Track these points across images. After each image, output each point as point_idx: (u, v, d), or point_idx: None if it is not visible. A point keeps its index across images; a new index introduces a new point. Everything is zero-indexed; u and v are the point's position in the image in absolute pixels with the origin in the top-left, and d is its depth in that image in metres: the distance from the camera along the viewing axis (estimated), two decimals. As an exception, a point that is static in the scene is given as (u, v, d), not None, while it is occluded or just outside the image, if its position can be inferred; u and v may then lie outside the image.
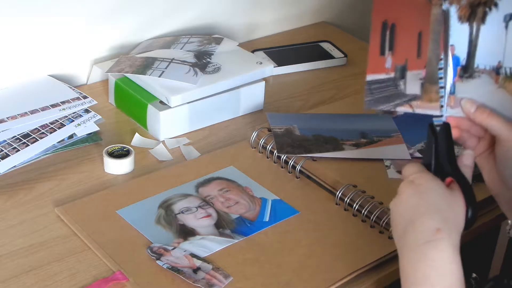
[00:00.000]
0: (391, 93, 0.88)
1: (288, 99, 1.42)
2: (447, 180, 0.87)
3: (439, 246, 0.82)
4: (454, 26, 0.87)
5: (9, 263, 1.00)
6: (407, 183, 0.88)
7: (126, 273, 0.98)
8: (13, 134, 1.18)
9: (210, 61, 1.33)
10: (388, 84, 0.88)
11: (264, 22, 1.63)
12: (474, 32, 0.88)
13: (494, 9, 0.87)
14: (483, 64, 0.89)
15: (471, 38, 0.88)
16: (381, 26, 0.89)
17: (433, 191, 0.86)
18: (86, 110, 1.25)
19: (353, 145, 1.23)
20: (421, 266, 0.82)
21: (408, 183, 0.87)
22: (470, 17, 0.87)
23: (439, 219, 0.83)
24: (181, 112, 1.27)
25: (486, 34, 0.88)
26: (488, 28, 0.88)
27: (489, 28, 0.88)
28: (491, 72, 0.89)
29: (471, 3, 0.87)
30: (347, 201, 1.11)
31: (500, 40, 0.89)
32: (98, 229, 1.05)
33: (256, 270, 1.00)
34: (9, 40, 1.30)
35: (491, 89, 0.89)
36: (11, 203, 1.11)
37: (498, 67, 0.90)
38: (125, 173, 1.19)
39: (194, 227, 1.07)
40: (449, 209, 0.85)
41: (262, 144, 1.23)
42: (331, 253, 1.03)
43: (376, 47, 0.89)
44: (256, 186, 1.16)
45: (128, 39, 1.44)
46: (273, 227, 1.08)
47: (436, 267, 0.81)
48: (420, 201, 0.85)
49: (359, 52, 1.58)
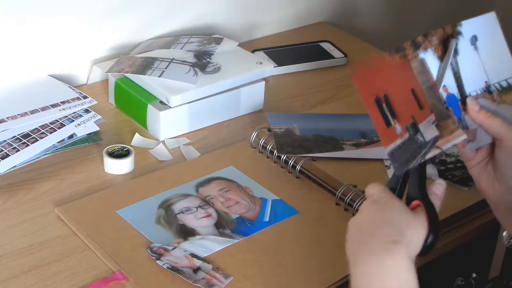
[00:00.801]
0: (413, 149, 0.89)
1: (288, 99, 1.42)
2: (413, 204, 0.88)
3: (396, 254, 0.81)
4: (436, 67, 0.89)
5: (9, 263, 1.00)
6: (370, 202, 0.87)
7: (126, 273, 0.98)
8: (13, 134, 1.18)
9: (210, 61, 1.33)
10: (408, 145, 0.89)
11: (264, 22, 1.63)
12: (454, 65, 0.90)
13: (460, 37, 0.90)
14: (474, 90, 0.91)
15: (454, 72, 0.90)
16: (375, 103, 0.91)
17: (395, 209, 0.86)
18: (86, 110, 1.25)
19: (353, 145, 1.23)
20: (377, 273, 0.81)
21: (371, 202, 0.87)
22: (445, 53, 0.89)
23: (398, 233, 0.83)
24: (181, 112, 1.27)
25: (463, 62, 0.90)
26: (463, 57, 0.90)
27: (464, 56, 0.90)
28: (484, 94, 0.91)
29: (441, 40, 0.89)
30: (347, 201, 1.11)
31: (476, 62, 0.91)
32: (98, 229, 1.05)
33: (256, 270, 1.00)
34: (9, 40, 1.30)
35: (494, 109, 0.90)
36: (11, 203, 1.11)
37: (487, 87, 0.92)
38: (125, 173, 1.19)
39: (194, 227, 1.07)
40: (409, 228, 0.84)
41: (262, 144, 1.23)
42: (331, 253, 1.03)
43: (380, 123, 0.91)
44: (256, 186, 1.16)
45: (128, 39, 1.44)
46: (273, 227, 1.08)
47: (392, 274, 0.81)
48: (381, 217, 0.85)
49: (359, 52, 1.59)
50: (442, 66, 0.90)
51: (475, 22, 0.90)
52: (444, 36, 0.90)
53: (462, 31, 0.90)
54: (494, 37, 0.91)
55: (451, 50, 0.90)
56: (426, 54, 0.89)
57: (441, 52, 0.90)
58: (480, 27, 0.90)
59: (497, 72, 0.92)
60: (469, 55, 0.90)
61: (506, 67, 0.92)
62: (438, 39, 0.89)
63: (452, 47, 0.89)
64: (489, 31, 0.91)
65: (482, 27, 0.90)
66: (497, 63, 0.92)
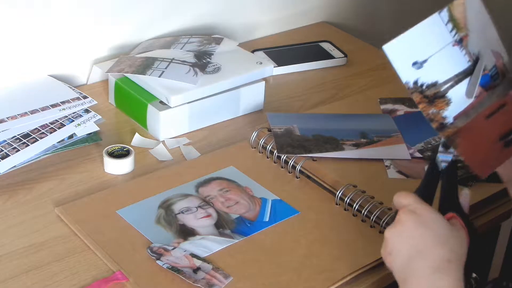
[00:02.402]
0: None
1: (288, 99, 1.42)
2: (448, 215, 0.88)
3: (449, 276, 0.81)
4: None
5: (9, 263, 1.00)
6: (407, 212, 0.86)
7: (126, 273, 0.98)
8: (13, 134, 1.18)
9: (210, 61, 1.33)
10: None
11: (264, 22, 1.63)
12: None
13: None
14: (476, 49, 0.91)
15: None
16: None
17: (438, 222, 0.85)
18: (86, 110, 1.25)
19: (353, 145, 1.23)
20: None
21: (409, 213, 0.86)
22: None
23: (448, 250, 0.83)
24: (181, 112, 1.27)
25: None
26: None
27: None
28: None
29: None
30: (347, 201, 1.11)
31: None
32: (98, 229, 1.05)
33: (256, 270, 1.00)
34: (9, 40, 1.30)
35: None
36: (11, 203, 1.11)
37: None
38: (125, 173, 1.19)
39: (194, 227, 1.07)
40: (455, 241, 0.84)
41: (262, 144, 1.23)
42: (331, 253, 1.03)
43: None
44: (256, 186, 1.16)
45: (128, 39, 1.44)
46: (273, 227, 1.08)
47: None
48: (426, 232, 0.84)
49: (359, 52, 1.59)
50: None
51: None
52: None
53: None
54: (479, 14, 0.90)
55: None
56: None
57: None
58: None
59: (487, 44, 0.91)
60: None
61: (493, 40, 0.92)
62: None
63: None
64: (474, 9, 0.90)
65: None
66: (486, 37, 0.91)
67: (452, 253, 0.82)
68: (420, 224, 0.85)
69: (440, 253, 0.82)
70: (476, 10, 0.89)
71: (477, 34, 0.90)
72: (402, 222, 0.86)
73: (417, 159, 1.21)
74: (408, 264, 0.84)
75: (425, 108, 0.89)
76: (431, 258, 0.82)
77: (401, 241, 0.85)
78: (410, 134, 1.26)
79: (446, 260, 0.81)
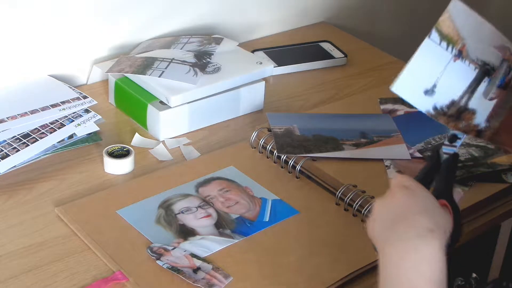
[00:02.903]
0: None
1: (288, 99, 1.42)
2: (439, 202, 0.89)
3: (431, 243, 0.81)
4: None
5: (9, 263, 1.00)
6: (400, 186, 0.88)
7: (126, 273, 0.98)
8: (13, 134, 1.18)
9: (210, 61, 1.33)
10: None
11: (264, 22, 1.63)
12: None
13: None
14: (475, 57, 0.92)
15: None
16: None
17: (427, 198, 0.87)
18: (86, 110, 1.25)
19: (353, 145, 1.23)
20: (411, 257, 0.81)
21: (401, 187, 0.88)
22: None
23: (432, 221, 0.83)
24: (181, 112, 1.27)
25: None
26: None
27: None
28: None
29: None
30: (347, 201, 1.11)
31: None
32: (98, 229, 1.05)
33: (256, 270, 1.00)
34: (9, 40, 1.30)
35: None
36: (11, 203, 1.11)
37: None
38: (125, 173, 1.19)
39: (194, 227, 1.07)
40: (442, 219, 0.85)
41: (262, 144, 1.23)
42: (331, 253, 1.03)
43: None
44: (256, 186, 1.16)
45: (128, 39, 1.44)
46: (273, 227, 1.08)
47: (427, 260, 0.81)
48: (415, 203, 0.85)
49: (359, 52, 1.59)
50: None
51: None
52: None
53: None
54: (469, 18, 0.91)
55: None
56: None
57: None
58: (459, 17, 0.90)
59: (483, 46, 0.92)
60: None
61: (492, 35, 0.92)
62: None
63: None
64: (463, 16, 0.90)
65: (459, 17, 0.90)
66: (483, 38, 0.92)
67: (436, 225, 0.83)
68: (409, 196, 0.86)
69: (424, 221, 0.83)
70: (464, 16, 0.90)
71: (473, 38, 0.90)
72: (393, 193, 0.88)
73: (417, 159, 1.21)
74: (390, 227, 0.84)
75: (455, 125, 0.91)
76: (413, 224, 0.83)
77: (387, 209, 0.87)
78: (410, 134, 1.26)
79: (428, 229, 0.82)
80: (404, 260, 0.81)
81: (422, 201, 0.86)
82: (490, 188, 1.15)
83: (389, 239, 0.84)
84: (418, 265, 0.81)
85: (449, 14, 0.88)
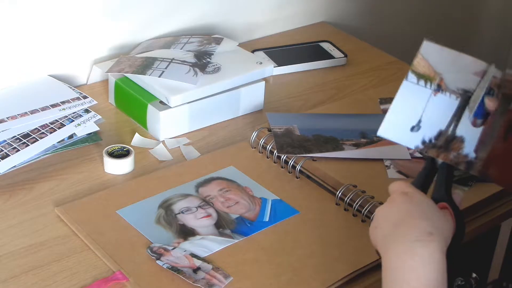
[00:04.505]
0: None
1: (288, 99, 1.42)
2: (440, 204, 0.90)
3: (430, 246, 0.82)
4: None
5: (9, 263, 1.00)
6: (399, 193, 0.89)
7: (126, 273, 0.98)
8: (13, 134, 1.18)
9: (210, 61, 1.33)
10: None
11: (264, 22, 1.63)
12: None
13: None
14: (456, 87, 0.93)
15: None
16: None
17: (425, 203, 0.88)
18: (86, 110, 1.25)
19: (353, 145, 1.23)
20: (410, 260, 0.82)
21: (401, 194, 0.89)
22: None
23: (431, 225, 0.84)
24: (181, 112, 1.27)
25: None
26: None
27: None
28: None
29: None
30: (347, 201, 1.11)
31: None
32: (98, 229, 1.05)
33: (256, 270, 1.00)
34: (9, 40, 1.30)
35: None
36: (11, 203, 1.11)
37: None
38: (125, 173, 1.19)
39: (194, 227, 1.07)
40: (441, 222, 0.86)
41: (262, 144, 1.23)
42: (331, 253, 1.03)
43: None
44: (256, 186, 1.16)
45: (128, 39, 1.44)
46: (273, 227, 1.08)
47: (425, 263, 0.82)
48: (413, 208, 0.87)
49: (359, 52, 1.59)
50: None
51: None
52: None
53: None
54: (443, 55, 0.92)
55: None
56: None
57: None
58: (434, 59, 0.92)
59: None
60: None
61: (469, 63, 0.93)
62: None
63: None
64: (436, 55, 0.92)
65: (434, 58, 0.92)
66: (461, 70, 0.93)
67: (435, 229, 0.84)
68: (409, 202, 0.88)
69: (423, 224, 0.84)
70: (437, 53, 0.92)
71: (450, 71, 0.92)
72: (392, 200, 0.89)
73: (417, 159, 1.21)
74: (391, 232, 0.86)
75: (445, 157, 0.92)
76: (412, 228, 0.84)
77: (388, 215, 0.88)
78: (410, 134, 1.26)
79: (427, 232, 0.83)
80: (404, 263, 0.82)
81: (421, 206, 0.87)
82: (490, 188, 1.15)
83: (389, 244, 0.85)
84: (417, 267, 0.82)
85: (422, 56, 0.91)
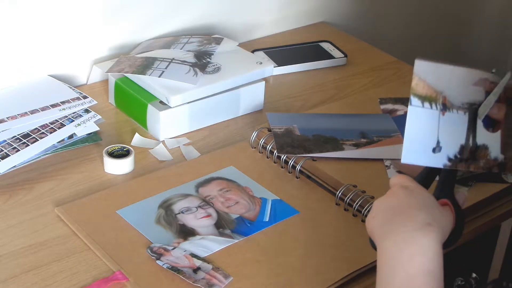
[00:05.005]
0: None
1: (288, 99, 1.42)
2: (441, 201, 0.90)
3: (428, 236, 0.82)
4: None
5: (9, 263, 1.00)
6: (400, 187, 0.89)
7: (126, 273, 0.98)
8: (13, 134, 1.18)
9: (210, 61, 1.33)
10: None
11: (264, 22, 1.63)
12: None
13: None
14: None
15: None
16: None
17: (426, 197, 0.88)
18: (86, 110, 1.25)
19: (353, 145, 1.23)
20: (408, 248, 0.82)
21: (401, 187, 0.89)
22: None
23: (430, 216, 0.84)
24: (181, 112, 1.27)
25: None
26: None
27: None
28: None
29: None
30: (347, 201, 1.11)
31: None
32: (98, 229, 1.05)
33: (256, 270, 1.00)
34: (9, 40, 1.30)
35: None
36: (11, 203, 1.11)
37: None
38: (125, 173, 1.19)
39: (194, 227, 1.07)
40: (440, 216, 0.86)
41: (262, 144, 1.23)
42: (331, 253, 1.03)
43: None
44: (256, 186, 1.16)
45: (128, 39, 1.44)
46: (273, 227, 1.08)
47: (424, 251, 0.82)
48: (413, 200, 0.87)
49: (359, 52, 1.59)
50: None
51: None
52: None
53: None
54: (440, 72, 0.92)
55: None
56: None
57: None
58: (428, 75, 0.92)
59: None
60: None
61: (466, 75, 0.93)
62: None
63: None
64: (432, 73, 0.92)
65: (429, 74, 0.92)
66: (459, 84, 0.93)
67: (434, 220, 0.84)
68: (409, 195, 0.87)
69: (422, 215, 0.84)
70: (431, 71, 0.91)
71: (450, 87, 0.92)
72: (392, 192, 0.89)
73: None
74: (388, 222, 0.85)
75: (477, 167, 0.92)
76: (411, 218, 0.84)
77: (387, 206, 0.88)
78: (410, 134, 1.26)
79: (426, 222, 0.83)
80: (401, 252, 0.82)
81: (420, 198, 0.87)
82: (490, 188, 1.15)
83: (387, 233, 0.85)
84: (415, 256, 0.81)
85: (418, 77, 0.90)
